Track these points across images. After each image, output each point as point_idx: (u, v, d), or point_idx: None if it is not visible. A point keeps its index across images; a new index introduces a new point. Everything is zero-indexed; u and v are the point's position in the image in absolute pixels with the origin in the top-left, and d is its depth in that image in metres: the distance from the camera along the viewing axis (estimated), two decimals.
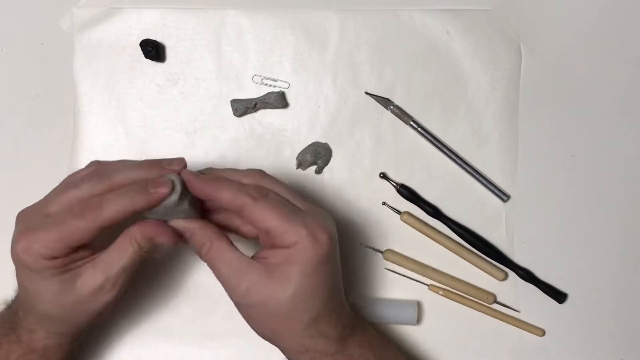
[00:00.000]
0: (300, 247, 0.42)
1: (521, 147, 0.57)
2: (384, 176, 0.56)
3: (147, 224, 0.44)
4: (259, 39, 0.57)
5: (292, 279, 0.42)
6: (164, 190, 0.43)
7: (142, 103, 0.56)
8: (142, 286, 0.56)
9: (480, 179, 0.56)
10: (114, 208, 0.42)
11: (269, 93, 0.56)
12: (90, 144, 0.56)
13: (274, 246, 0.43)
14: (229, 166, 0.55)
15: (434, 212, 0.56)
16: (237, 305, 0.45)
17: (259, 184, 0.45)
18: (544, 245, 0.56)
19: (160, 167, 0.45)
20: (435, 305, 0.56)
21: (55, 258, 0.43)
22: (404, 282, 0.56)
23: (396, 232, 0.56)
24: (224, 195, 0.43)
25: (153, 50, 0.55)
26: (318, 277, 0.43)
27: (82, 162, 0.56)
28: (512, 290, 0.56)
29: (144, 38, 0.56)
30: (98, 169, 0.46)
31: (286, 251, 0.43)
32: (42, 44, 0.57)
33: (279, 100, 0.56)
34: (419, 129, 0.56)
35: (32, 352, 0.46)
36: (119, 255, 0.44)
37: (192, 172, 0.45)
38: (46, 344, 0.46)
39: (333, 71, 0.57)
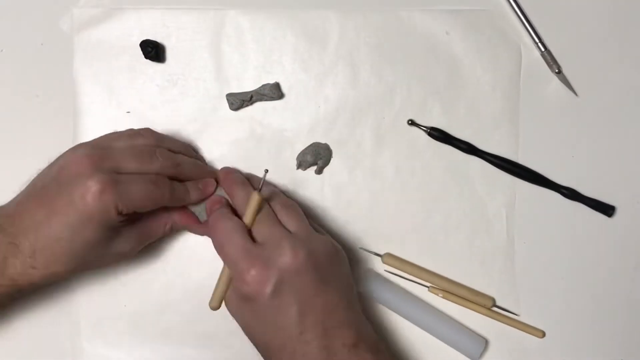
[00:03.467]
0: (234, 277, 0.46)
1: (521, 146, 0.57)
2: (412, 122, 0.55)
3: (188, 215, 0.52)
4: (259, 39, 0.57)
5: (234, 312, 0.48)
6: (209, 189, 0.52)
7: (142, 103, 0.56)
8: (143, 286, 0.56)
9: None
10: (180, 197, 0.50)
11: (263, 85, 0.56)
12: None
13: None
14: (229, 166, 0.56)
15: (469, 148, 0.56)
16: (240, 296, 0.46)
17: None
18: (544, 246, 0.56)
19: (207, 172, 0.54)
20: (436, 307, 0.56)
21: (120, 214, 0.46)
22: (403, 284, 0.56)
23: (396, 233, 0.56)
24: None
25: (153, 50, 0.55)
26: (248, 314, 0.46)
27: None
28: (512, 292, 0.56)
29: (144, 38, 0.56)
30: (168, 156, 0.50)
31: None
32: (42, 44, 0.57)
33: (274, 91, 0.55)
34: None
35: (13, 285, 0.45)
36: (151, 232, 0.51)
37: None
38: (36, 282, 0.45)
39: (333, 71, 0.56)
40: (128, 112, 0.56)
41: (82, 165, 0.45)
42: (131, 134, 0.51)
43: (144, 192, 0.47)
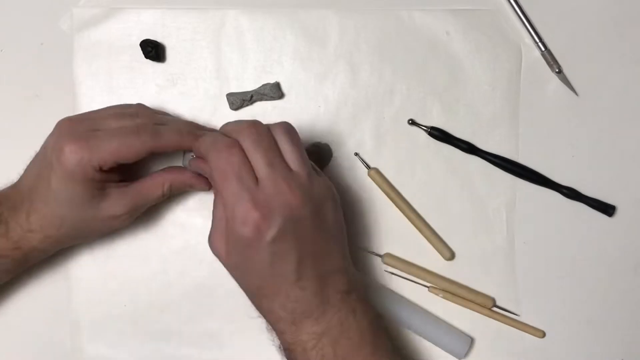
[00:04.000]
0: (229, 223, 0.44)
1: (521, 146, 0.57)
2: (413, 122, 0.55)
3: (187, 173, 0.50)
4: (259, 39, 0.57)
5: (230, 253, 0.45)
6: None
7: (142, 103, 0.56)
8: (143, 286, 0.56)
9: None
10: (168, 137, 0.47)
11: (264, 84, 0.56)
12: None
13: None
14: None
15: (469, 148, 0.56)
16: (235, 238, 0.44)
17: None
18: (544, 246, 0.56)
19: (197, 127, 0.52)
20: (436, 308, 0.56)
21: (100, 171, 0.46)
22: (403, 284, 0.56)
23: (396, 233, 0.56)
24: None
25: (153, 50, 0.55)
26: (245, 258, 0.44)
27: None
28: (512, 292, 0.56)
29: (144, 38, 0.56)
30: (151, 112, 0.51)
31: (225, 220, 0.45)
32: (41, 44, 0.57)
33: (275, 91, 0.55)
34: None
35: (17, 249, 0.48)
36: (147, 194, 0.50)
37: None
38: (35, 246, 0.48)
39: (333, 71, 0.56)
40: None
41: (61, 130, 0.48)
42: (119, 105, 0.52)
43: (121, 143, 0.46)
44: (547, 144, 0.57)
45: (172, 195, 0.53)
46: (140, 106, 0.52)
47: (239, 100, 0.56)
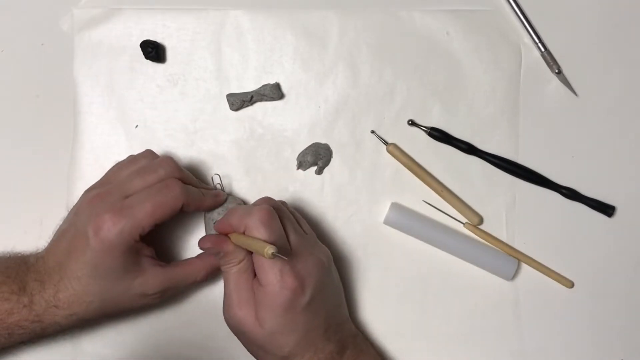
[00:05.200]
0: (269, 291, 0.45)
1: (521, 146, 0.57)
2: (412, 123, 0.56)
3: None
4: (259, 39, 0.57)
5: (265, 320, 0.46)
6: (222, 197, 0.51)
7: (142, 104, 0.56)
8: None
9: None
10: (192, 196, 0.48)
11: (264, 85, 0.56)
12: (90, 144, 0.56)
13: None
14: (228, 166, 0.56)
15: (469, 148, 0.56)
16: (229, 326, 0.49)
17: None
18: (544, 246, 0.56)
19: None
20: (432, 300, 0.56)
21: (139, 239, 0.46)
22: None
23: (396, 233, 0.56)
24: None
25: (153, 51, 0.55)
26: (286, 321, 0.46)
27: (82, 162, 0.56)
28: (512, 291, 0.56)
29: (144, 39, 0.56)
30: (171, 161, 0.50)
31: (262, 289, 0.46)
32: (42, 44, 0.57)
33: (275, 91, 0.56)
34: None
35: (38, 322, 0.46)
36: (185, 278, 0.50)
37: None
38: (58, 322, 0.47)
39: (333, 71, 0.56)
40: (136, 126, 0.56)
41: (92, 204, 0.47)
42: (132, 159, 0.51)
43: (153, 203, 0.46)
44: (547, 145, 0.57)
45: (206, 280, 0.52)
46: (150, 153, 0.52)
47: (238, 101, 0.56)
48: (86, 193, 0.49)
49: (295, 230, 0.48)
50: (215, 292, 0.55)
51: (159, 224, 0.47)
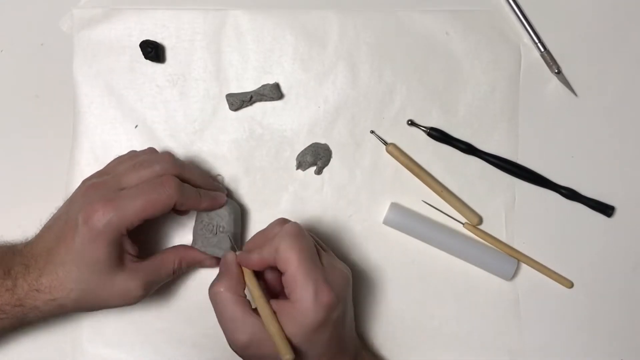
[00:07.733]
0: (301, 307, 0.44)
1: (521, 147, 0.57)
2: (412, 123, 0.56)
3: (195, 251, 0.52)
4: (259, 39, 0.57)
5: (294, 336, 0.44)
6: (222, 200, 0.51)
7: (142, 104, 0.56)
8: None
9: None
10: (187, 195, 0.48)
11: (263, 85, 0.56)
12: (90, 144, 0.56)
13: (285, 293, 0.46)
14: (228, 166, 0.56)
15: (468, 148, 0.56)
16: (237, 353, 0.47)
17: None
18: (544, 246, 0.56)
19: (212, 179, 0.54)
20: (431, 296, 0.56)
21: (126, 233, 0.46)
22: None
23: (396, 233, 0.56)
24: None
25: (153, 51, 0.55)
26: (315, 340, 0.45)
27: (82, 162, 0.56)
28: (512, 291, 0.56)
29: (144, 39, 0.56)
30: (170, 157, 0.50)
31: (290, 306, 0.44)
32: (42, 44, 0.57)
33: (274, 91, 0.56)
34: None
35: (19, 306, 0.46)
36: (159, 270, 0.50)
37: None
38: (38, 306, 0.47)
39: (333, 71, 0.57)
40: (136, 126, 0.56)
41: (87, 193, 0.48)
42: (133, 154, 0.52)
43: (144, 199, 0.46)
44: (546, 145, 0.57)
45: (183, 273, 0.53)
46: (152, 150, 0.52)
47: (238, 101, 0.56)
48: (83, 182, 0.50)
49: (320, 246, 0.48)
50: None
51: (149, 220, 0.47)
